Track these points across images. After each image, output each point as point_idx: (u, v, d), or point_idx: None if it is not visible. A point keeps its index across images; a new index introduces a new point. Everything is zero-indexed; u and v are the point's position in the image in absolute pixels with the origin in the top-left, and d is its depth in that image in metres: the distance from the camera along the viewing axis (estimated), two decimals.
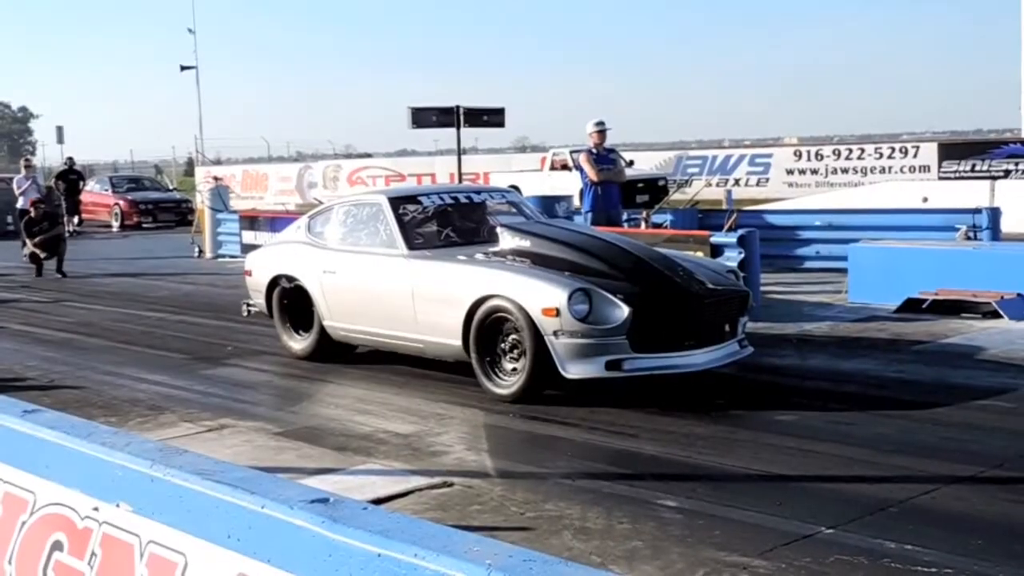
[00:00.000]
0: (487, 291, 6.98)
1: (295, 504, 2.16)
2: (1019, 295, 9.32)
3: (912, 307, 9.63)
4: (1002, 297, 9.27)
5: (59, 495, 2.75)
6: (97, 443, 2.72)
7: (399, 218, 7.94)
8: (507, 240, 7.57)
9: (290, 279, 8.62)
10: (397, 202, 8.14)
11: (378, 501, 4.84)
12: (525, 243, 7.46)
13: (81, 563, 2.63)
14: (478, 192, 9.53)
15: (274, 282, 8.78)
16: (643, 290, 6.80)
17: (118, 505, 2.55)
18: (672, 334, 6.80)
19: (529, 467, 5.63)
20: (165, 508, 2.43)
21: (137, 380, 8.17)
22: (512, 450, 6.13)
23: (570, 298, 6.54)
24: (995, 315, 9.16)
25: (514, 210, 8.70)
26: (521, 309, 6.73)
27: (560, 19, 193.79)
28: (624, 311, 6.56)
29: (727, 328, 7.12)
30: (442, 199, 8.40)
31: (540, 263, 7.16)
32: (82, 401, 7.42)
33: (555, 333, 6.58)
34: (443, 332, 7.26)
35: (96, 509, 2.62)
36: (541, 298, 6.66)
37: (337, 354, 8.43)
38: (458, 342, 7.14)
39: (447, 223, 8.19)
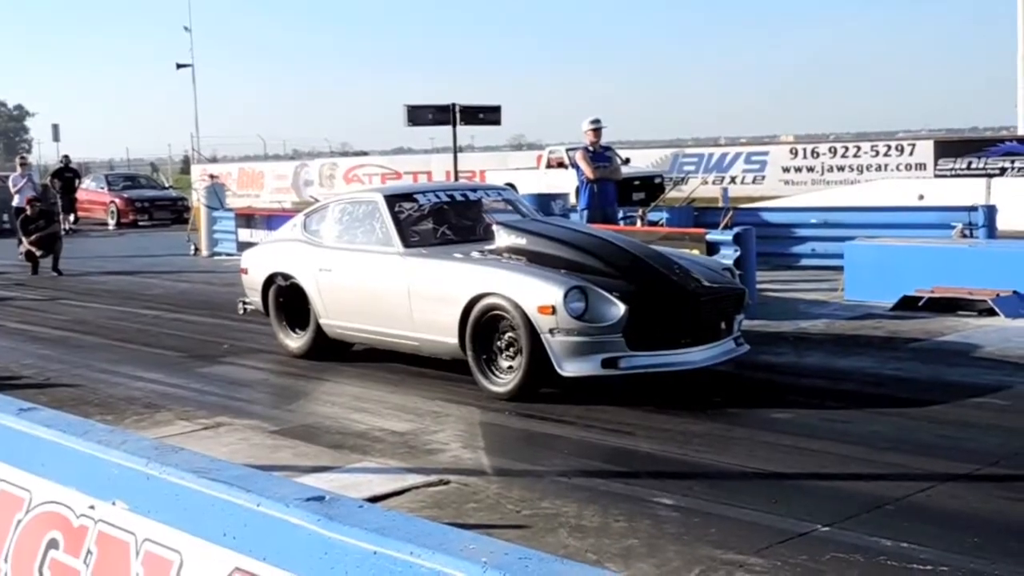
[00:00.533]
0: (483, 289, 6.98)
1: (291, 502, 2.15)
2: (1015, 293, 9.33)
3: (908, 305, 9.64)
4: (998, 295, 9.28)
5: (55, 493, 2.74)
6: (93, 441, 2.71)
7: (395, 216, 7.94)
8: (503, 238, 7.56)
9: (286, 277, 8.61)
10: (393, 200, 8.14)
11: (374, 499, 4.83)
12: (521, 241, 7.46)
13: (77, 561, 2.62)
14: (474, 190, 9.52)
15: (270, 280, 8.78)
16: (639, 288, 6.80)
17: (114, 503, 2.55)
18: (668, 332, 6.80)
19: (525, 465, 5.62)
20: (161, 506, 2.42)
21: (133, 378, 8.16)
22: (508, 448, 6.13)
23: (566, 296, 6.54)
24: (991, 313, 9.17)
25: (510, 208, 8.70)
26: (517, 307, 6.73)
27: (559, 19, 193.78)
28: (620, 309, 6.56)
29: (723, 326, 7.12)
30: (438, 197, 8.40)
31: (536, 261, 7.16)
32: (78, 399, 7.42)
33: (551, 331, 6.58)
34: (439, 330, 7.26)
35: (92, 507, 2.61)
36: (537, 296, 6.66)
37: (333, 352, 8.42)
38: (454, 340, 7.14)
39: (443, 221, 8.19)
